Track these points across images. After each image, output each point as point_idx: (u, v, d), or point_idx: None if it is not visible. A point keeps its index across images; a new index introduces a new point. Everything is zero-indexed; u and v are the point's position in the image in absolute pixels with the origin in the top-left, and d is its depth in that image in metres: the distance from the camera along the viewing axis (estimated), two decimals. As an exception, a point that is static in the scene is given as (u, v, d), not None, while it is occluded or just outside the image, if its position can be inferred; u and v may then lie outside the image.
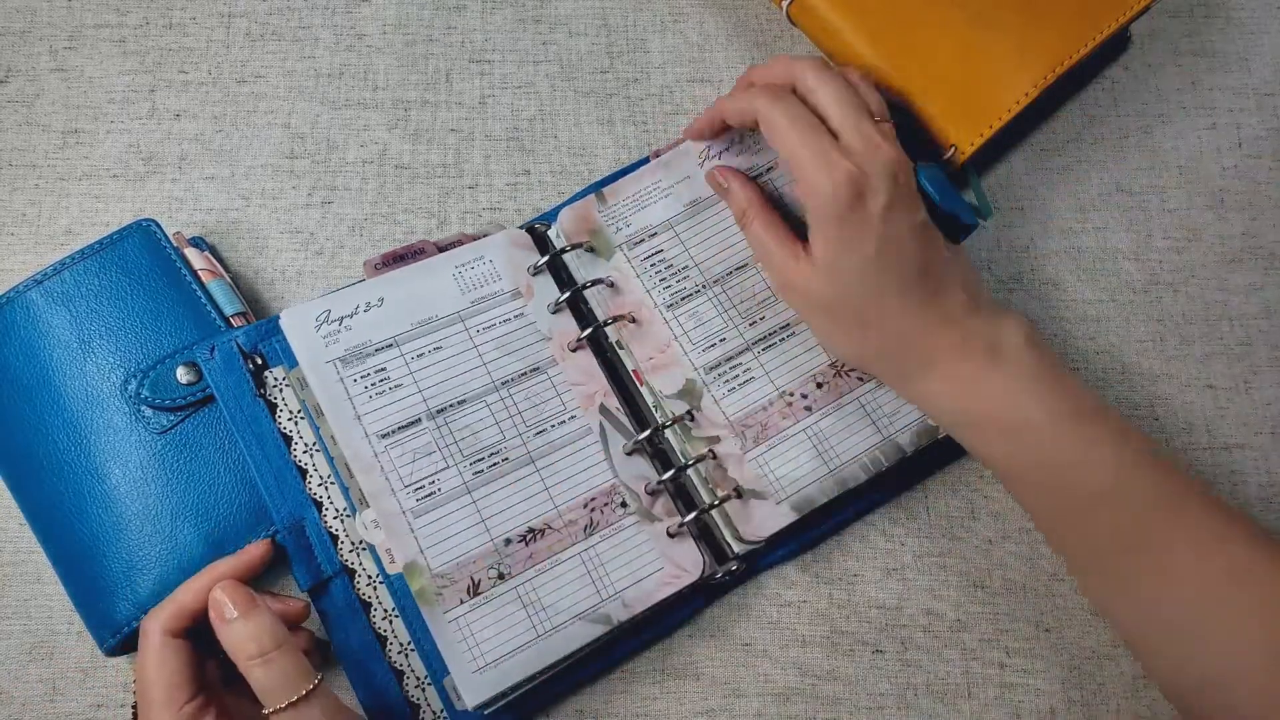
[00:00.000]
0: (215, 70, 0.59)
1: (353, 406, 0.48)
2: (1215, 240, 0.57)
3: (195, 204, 0.57)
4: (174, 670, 0.42)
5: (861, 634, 0.51)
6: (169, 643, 0.43)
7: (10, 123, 0.58)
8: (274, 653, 0.42)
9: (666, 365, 0.51)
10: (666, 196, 0.54)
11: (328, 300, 0.50)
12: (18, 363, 0.50)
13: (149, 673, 0.42)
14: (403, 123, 0.58)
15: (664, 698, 0.50)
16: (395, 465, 0.48)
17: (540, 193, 0.57)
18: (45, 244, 0.56)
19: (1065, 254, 0.57)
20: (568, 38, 0.60)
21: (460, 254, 0.52)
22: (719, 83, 0.59)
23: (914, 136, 0.55)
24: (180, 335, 0.50)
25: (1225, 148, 0.59)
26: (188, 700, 0.42)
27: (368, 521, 0.47)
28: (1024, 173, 0.58)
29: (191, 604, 0.43)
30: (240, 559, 0.45)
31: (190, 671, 0.43)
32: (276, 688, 0.41)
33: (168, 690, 0.42)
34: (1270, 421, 0.55)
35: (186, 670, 0.43)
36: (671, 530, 0.49)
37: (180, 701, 0.42)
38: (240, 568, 0.45)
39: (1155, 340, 0.56)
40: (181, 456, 0.49)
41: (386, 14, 0.60)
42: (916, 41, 0.54)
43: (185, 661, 0.43)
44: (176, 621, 0.43)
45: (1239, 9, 0.61)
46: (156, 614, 0.43)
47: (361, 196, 0.57)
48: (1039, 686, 0.50)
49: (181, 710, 0.42)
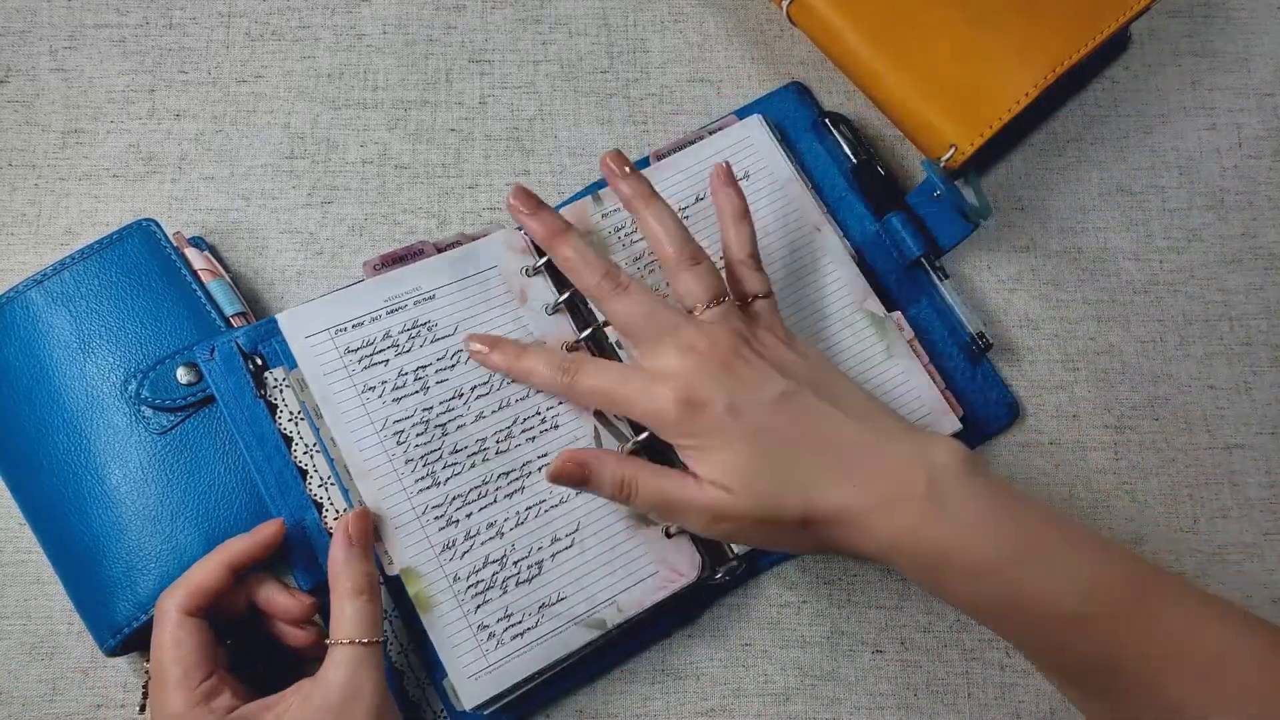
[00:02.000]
0: (215, 70, 0.59)
1: (349, 409, 0.48)
2: (1215, 240, 0.57)
3: (195, 204, 0.57)
4: (190, 649, 0.43)
5: (861, 634, 0.51)
6: (185, 621, 0.43)
7: (10, 123, 0.58)
8: (369, 594, 0.44)
9: (666, 365, 0.51)
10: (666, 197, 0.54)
11: (325, 302, 0.50)
12: (18, 363, 0.50)
13: (165, 652, 0.42)
14: (402, 123, 0.58)
15: (664, 698, 0.50)
16: (392, 468, 0.48)
17: (540, 193, 0.57)
18: (45, 244, 0.56)
19: (1065, 254, 0.57)
20: (568, 38, 0.60)
21: (455, 256, 0.52)
22: (719, 83, 0.59)
23: (914, 137, 0.56)
24: (180, 335, 0.50)
25: (1225, 148, 0.59)
26: (203, 679, 0.42)
27: (368, 522, 0.47)
28: (1024, 173, 0.58)
29: (206, 582, 0.44)
30: (254, 538, 0.45)
31: (207, 651, 0.43)
32: (358, 624, 0.43)
33: (184, 669, 0.42)
34: (1270, 421, 0.55)
35: (203, 649, 0.43)
36: (669, 531, 0.49)
37: (196, 680, 0.42)
38: (254, 547, 0.45)
39: (1155, 340, 0.56)
40: (181, 457, 0.49)
41: (386, 14, 0.60)
42: (916, 41, 0.54)
43: (202, 641, 0.43)
44: (192, 600, 0.43)
45: (1239, 9, 0.61)
46: (171, 593, 0.44)
47: (361, 196, 0.57)
48: (1039, 687, 0.50)
49: (197, 689, 0.42)
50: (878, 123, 0.59)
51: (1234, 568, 0.53)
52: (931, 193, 0.53)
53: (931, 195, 0.53)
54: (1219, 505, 0.53)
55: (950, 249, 0.54)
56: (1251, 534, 0.53)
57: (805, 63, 0.60)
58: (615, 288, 0.46)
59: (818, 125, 0.57)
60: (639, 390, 0.44)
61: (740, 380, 0.43)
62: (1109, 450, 0.54)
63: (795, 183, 0.55)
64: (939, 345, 0.53)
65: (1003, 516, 0.42)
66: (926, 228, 0.54)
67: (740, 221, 0.49)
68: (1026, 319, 0.56)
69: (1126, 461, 0.54)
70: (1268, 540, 0.53)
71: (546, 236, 0.48)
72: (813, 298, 0.53)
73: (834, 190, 0.56)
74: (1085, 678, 0.42)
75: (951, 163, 0.53)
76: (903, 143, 0.58)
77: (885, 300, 0.53)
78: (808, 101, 0.58)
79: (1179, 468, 0.54)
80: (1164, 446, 0.54)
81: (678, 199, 0.54)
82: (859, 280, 0.53)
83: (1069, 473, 0.54)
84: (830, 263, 0.53)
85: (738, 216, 0.49)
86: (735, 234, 0.48)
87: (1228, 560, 0.53)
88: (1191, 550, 0.53)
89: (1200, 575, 0.52)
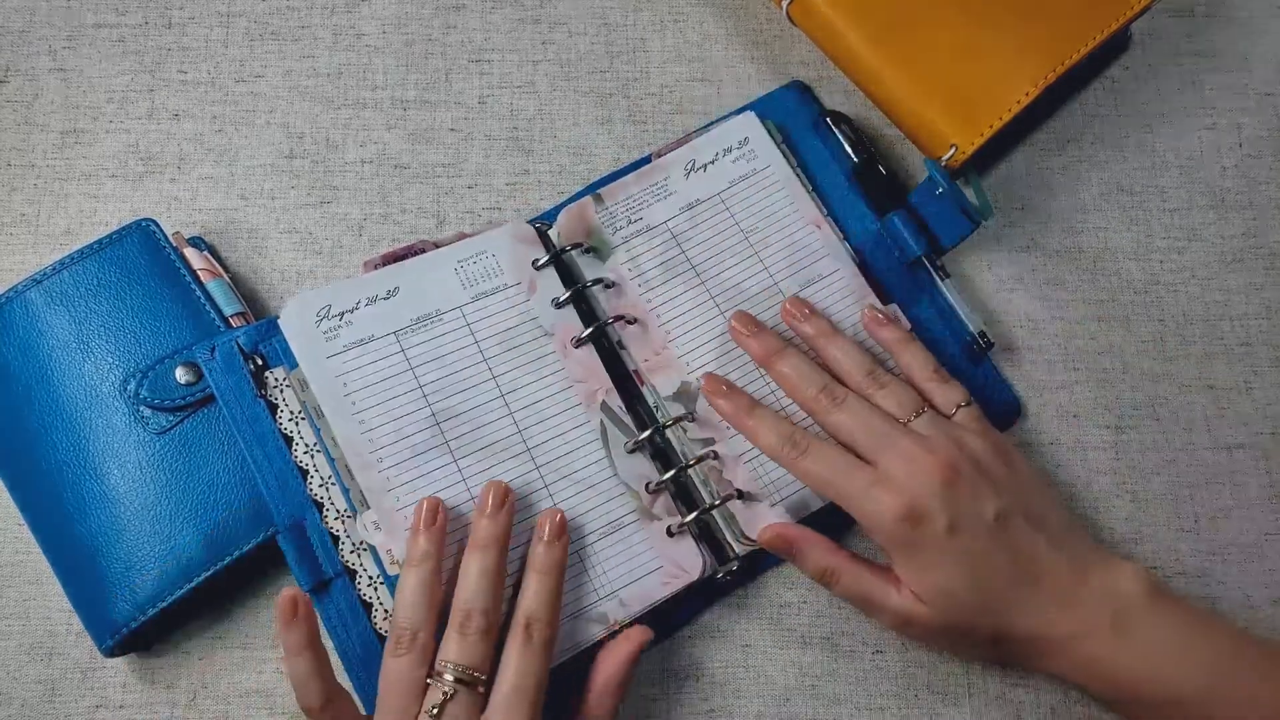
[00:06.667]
0: (214, 70, 0.59)
1: (351, 403, 0.48)
2: (1215, 240, 0.57)
3: (194, 204, 0.56)
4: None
5: (862, 634, 0.51)
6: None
7: (9, 123, 0.57)
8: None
9: (664, 367, 0.51)
10: (665, 198, 0.54)
11: (326, 294, 0.49)
12: (17, 363, 0.50)
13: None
14: (402, 122, 0.58)
15: (664, 698, 0.50)
16: (395, 462, 0.48)
17: (540, 193, 0.57)
18: (44, 244, 0.56)
19: (1065, 254, 0.57)
20: (568, 37, 0.60)
21: (463, 248, 0.52)
22: (719, 82, 0.59)
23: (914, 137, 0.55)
24: (179, 335, 0.50)
25: (1225, 148, 0.59)
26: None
27: (368, 523, 0.47)
28: (1024, 173, 0.58)
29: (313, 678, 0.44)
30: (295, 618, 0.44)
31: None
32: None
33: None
34: (1270, 421, 0.55)
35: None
36: (672, 529, 0.49)
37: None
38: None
39: (1155, 340, 0.56)
40: (180, 457, 0.49)
41: (386, 13, 0.60)
42: (916, 41, 0.54)
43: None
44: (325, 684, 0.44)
45: (1239, 9, 0.61)
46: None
47: (361, 196, 0.57)
48: (1039, 686, 0.50)
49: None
50: (878, 122, 0.59)
51: (1234, 568, 0.53)
52: (933, 191, 0.53)
53: (933, 194, 0.53)
54: (1219, 505, 0.53)
55: (951, 248, 0.54)
56: (1251, 534, 0.53)
57: (805, 63, 0.60)
58: (832, 402, 0.48)
59: (819, 124, 0.57)
60: (861, 490, 0.45)
61: (959, 497, 0.45)
62: (1109, 450, 0.54)
63: (795, 181, 0.55)
64: (940, 344, 0.53)
65: (1189, 646, 0.44)
66: (928, 227, 0.54)
67: (910, 346, 0.50)
68: (1027, 319, 0.56)
69: (1126, 461, 0.54)
70: (1268, 540, 0.53)
71: (765, 355, 0.50)
72: (812, 297, 0.53)
73: (835, 189, 0.56)
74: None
75: (952, 162, 0.53)
76: (903, 142, 0.58)
77: (885, 300, 0.53)
78: (809, 101, 0.58)
79: (1179, 468, 0.54)
80: (1164, 446, 0.54)
81: (678, 198, 0.54)
82: (859, 279, 0.53)
83: (1069, 473, 0.54)
84: (830, 261, 0.53)
85: (906, 343, 0.50)
86: (911, 358, 0.50)
87: (1228, 560, 0.53)
88: (1191, 550, 0.53)
89: (1200, 575, 0.52)
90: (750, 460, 0.50)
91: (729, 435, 0.50)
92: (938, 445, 0.46)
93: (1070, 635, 0.44)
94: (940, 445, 0.46)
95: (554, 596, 0.45)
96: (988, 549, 0.44)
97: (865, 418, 0.47)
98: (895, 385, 0.48)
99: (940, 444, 0.46)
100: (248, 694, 0.50)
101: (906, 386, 0.49)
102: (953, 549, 0.44)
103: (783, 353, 0.49)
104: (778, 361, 0.49)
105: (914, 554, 0.45)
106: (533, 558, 0.46)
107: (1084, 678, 0.45)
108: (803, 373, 0.49)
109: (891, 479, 0.45)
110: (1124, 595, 0.45)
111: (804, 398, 0.48)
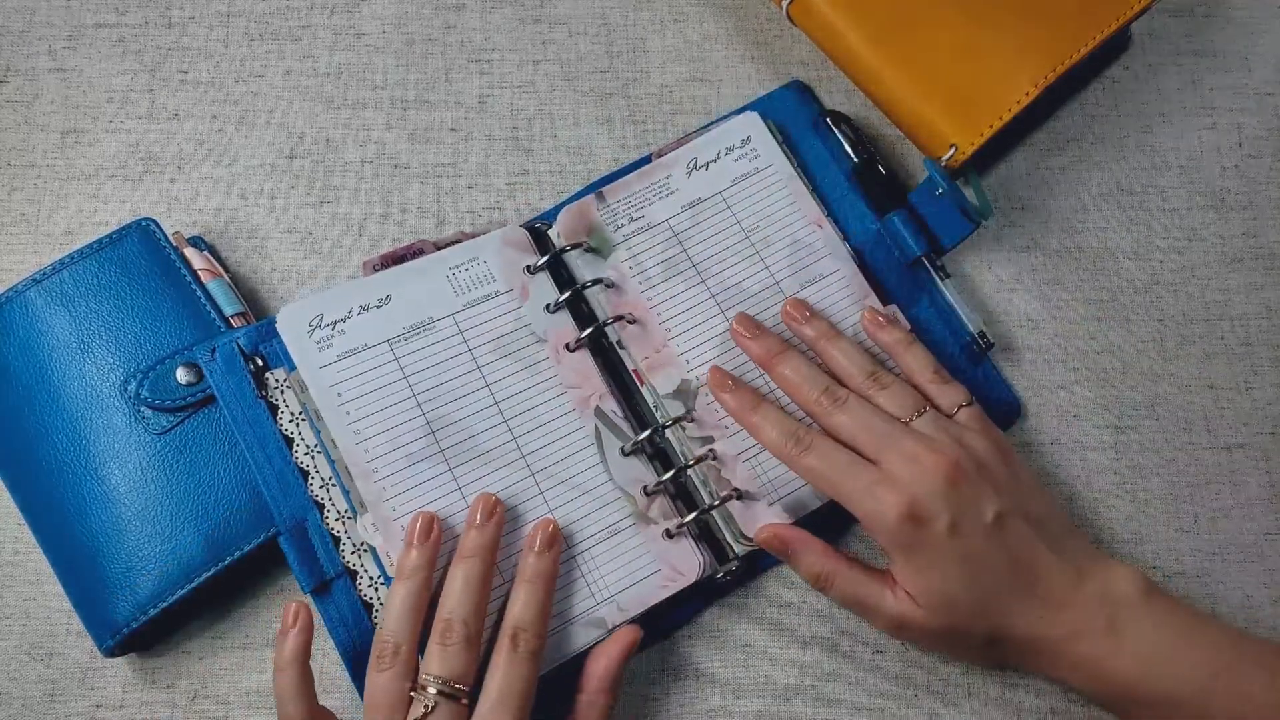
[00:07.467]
0: (214, 70, 0.59)
1: (346, 412, 0.48)
2: (1215, 240, 0.57)
3: (194, 203, 0.56)
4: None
5: (862, 634, 0.51)
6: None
7: (9, 122, 0.57)
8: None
9: (663, 365, 0.51)
10: (666, 196, 0.54)
11: (320, 303, 0.49)
12: (17, 363, 0.50)
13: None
14: (402, 122, 0.58)
15: (664, 698, 0.50)
16: (391, 471, 0.48)
17: (540, 192, 0.57)
18: (44, 243, 0.56)
19: (1065, 254, 0.57)
20: (568, 37, 0.60)
21: (453, 255, 0.52)
22: (719, 82, 0.59)
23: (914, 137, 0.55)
24: (180, 335, 0.50)
25: (1225, 148, 0.59)
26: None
27: (369, 524, 0.47)
28: (1024, 173, 0.58)
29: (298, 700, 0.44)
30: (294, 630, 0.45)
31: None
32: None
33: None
34: (1270, 421, 0.55)
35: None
36: (671, 531, 0.49)
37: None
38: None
39: (1155, 340, 0.56)
40: (181, 457, 0.49)
41: (386, 13, 0.60)
42: (916, 41, 0.54)
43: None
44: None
45: (1239, 9, 0.61)
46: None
47: (360, 196, 0.57)
48: (1039, 686, 0.50)
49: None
50: (878, 122, 0.59)
51: (1234, 567, 0.53)
52: (933, 191, 0.53)
53: (933, 194, 0.53)
54: (1219, 505, 0.53)
55: (951, 248, 0.54)
56: (1251, 534, 0.53)
57: (805, 63, 0.60)
58: (833, 403, 0.47)
59: (819, 124, 0.57)
60: (863, 489, 0.45)
61: (961, 498, 0.45)
62: (1109, 450, 0.54)
63: (795, 180, 0.55)
64: (940, 344, 0.53)
65: (1185, 646, 0.44)
66: (928, 227, 0.54)
67: (911, 348, 0.50)
68: (1027, 318, 0.56)
69: (1126, 461, 0.54)
70: (1268, 540, 0.53)
71: (766, 357, 0.50)
72: (812, 296, 0.53)
73: (835, 189, 0.56)
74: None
75: (952, 162, 0.53)
76: (903, 142, 0.58)
77: (885, 299, 0.53)
78: (809, 100, 0.58)
79: (1179, 468, 0.54)
80: (1164, 446, 0.54)
81: (680, 196, 0.54)
82: (859, 278, 0.53)
83: (1069, 473, 0.54)
84: (831, 261, 0.53)
85: (907, 345, 0.50)
86: (912, 359, 0.50)
87: (1228, 560, 0.53)
88: (1191, 550, 0.53)
89: (1200, 575, 0.52)
90: (749, 459, 0.50)
91: (728, 434, 0.50)
92: (941, 445, 0.46)
93: (1066, 636, 0.44)
94: (943, 445, 0.46)
95: (542, 606, 0.45)
96: (986, 550, 0.45)
97: (867, 418, 0.47)
98: (897, 386, 0.48)
99: (943, 443, 0.46)
100: (248, 694, 0.50)
101: (908, 387, 0.49)
102: (952, 550, 0.44)
103: (784, 355, 0.49)
104: (779, 363, 0.49)
105: (914, 554, 0.45)
106: (522, 567, 0.46)
107: (1080, 679, 0.45)
108: (804, 374, 0.49)
109: (894, 478, 0.45)
110: (1120, 596, 0.45)
111: (805, 399, 0.48)
